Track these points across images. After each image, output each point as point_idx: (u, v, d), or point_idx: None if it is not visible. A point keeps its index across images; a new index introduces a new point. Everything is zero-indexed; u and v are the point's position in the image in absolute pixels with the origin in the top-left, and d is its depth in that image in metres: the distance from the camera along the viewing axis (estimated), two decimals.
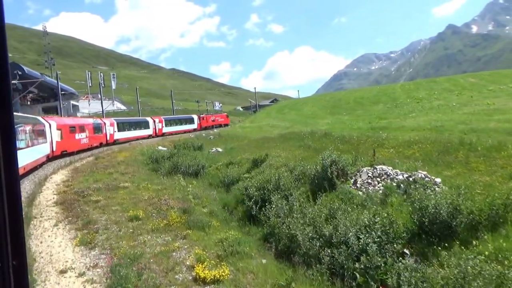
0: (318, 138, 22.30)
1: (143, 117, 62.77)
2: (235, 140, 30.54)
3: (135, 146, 41.77)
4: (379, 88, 53.67)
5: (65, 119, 37.35)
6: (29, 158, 21.08)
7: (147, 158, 28.88)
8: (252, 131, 37.09)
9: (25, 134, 20.76)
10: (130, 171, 22.34)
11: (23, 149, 19.59)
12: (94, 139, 39.99)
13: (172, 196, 14.21)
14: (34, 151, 22.56)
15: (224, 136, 34.94)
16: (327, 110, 41.03)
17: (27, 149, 20.87)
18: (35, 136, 23.58)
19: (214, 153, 24.73)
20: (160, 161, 26.34)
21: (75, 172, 22.91)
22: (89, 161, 29.10)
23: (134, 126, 53.73)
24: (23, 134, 20.41)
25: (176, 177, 19.15)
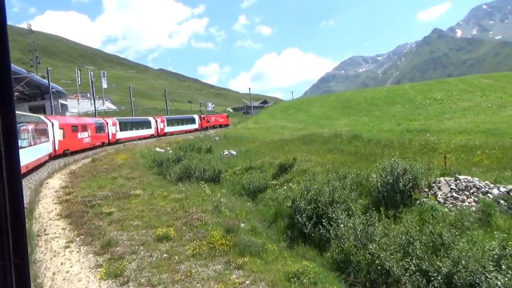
0: (347, 141, 20.38)
1: (145, 117, 62.16)
2: (244, 142, 28.42)
3: (130, 147, 39.30)
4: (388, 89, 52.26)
5: (68, 118, 36.82)
6: (32, 157, 20.98)
7: (150, 161, 26.58)
8: (259, 132, 35.02)
9: (27, 133, 20.62)
10: (136, 175, 20.02)
11: (25, 148, 19.56)
12: (96, 138, 39.55)
13: (200, 207, 12.02)
14: (36, 150, 22.45)
15: (231, 138, 32.76)
16: (338, 110, 39.18)
17: (30, 148, 20.80)
18: (38, 135, 23.42)
19: (227, 156, 22.58)
20: (165, 165, 24.11)
21: (73, 177, 20.49)
22: (85, 164, 26.63)
23: (136, 126, 53.14)
24: (26, 133, 20.28)
25: (194, 184, 16.99)
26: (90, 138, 37.28)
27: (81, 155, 33.42)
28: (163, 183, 17.49)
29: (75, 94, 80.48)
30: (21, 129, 19.46)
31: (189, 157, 25.40)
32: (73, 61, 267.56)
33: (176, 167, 20.48)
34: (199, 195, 13.95)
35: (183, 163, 20.45)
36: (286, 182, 15.90)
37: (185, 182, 18.34)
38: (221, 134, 38.42)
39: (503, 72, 58.47)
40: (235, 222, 9.80)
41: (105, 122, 43.44)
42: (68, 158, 30.87)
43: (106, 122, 43.74)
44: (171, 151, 37.84)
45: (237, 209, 12.08)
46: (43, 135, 25.30)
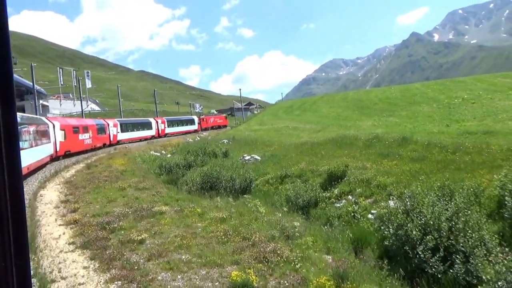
0: (397, 144, 17.83)
1: (146, 118, 61.78)
2: (259, 145, 25.59)
3: (124, 151, 35.99)
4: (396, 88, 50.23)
5: (69, 120, 36.20)
6: (33, 158, 20.81)
7: (155, 167, 23.55)
8: (269, 134, 32.21)
9: (28, 134, 20.53)
10: (148, 185, 17.00)
11: (26, 149, 19.27)
12: (98, 139, 39.07)
13: (261, 232, 9.20)
14: (37, 151, 22.36)
15: (242, 140, 29.83)
16: (353, 110, 36.64)
17: (31, 149, 20.64)
18: (39, 136, 23.23)
19: (250, 162, 19.70)
20: (175, 171, 21.17)
21: (71, 187, 17.30)
22: (80, 171, 23.34)
23: (137, 127, 52.60)
24: (27, 134, 20.18)
25: (225, 196, 14.14)
26: (91, 140, 36.73)
27: (72, 160, 30.03)
28: (187, 196, 14.55)
29: (57, 95, 75.91)
30: (22, 130, 19.22)
31: (201, 163, 22.48)
32: (50, 62, 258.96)
33: (195, 175, 17.53)
34: (247, 213, 11.11)
35: (204, 170, 17.48)
36: (343, 194, 13.25)
37: (209, 193, 15.51)
38: (228, 136, 35.30)
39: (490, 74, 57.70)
40: (344, 261, 6.96)
41: (106, 123, 42.79)
42: (59, 163, 27.52)
43: (107, 123, 43.05)
44: (169, 155, 34.76)
45: (308, 234, 9.29)
46: (44, 136, 24.94)
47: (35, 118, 25.20)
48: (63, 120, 33.33)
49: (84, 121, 39.48)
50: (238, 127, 47.13)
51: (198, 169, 21.57)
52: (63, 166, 26.28)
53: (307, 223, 10.87)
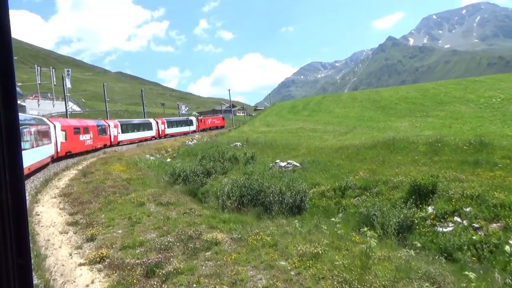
0: (473, 149, 15.09)
1: (146, 119, 61.74)
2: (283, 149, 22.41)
3: (117, 155, 32.29)
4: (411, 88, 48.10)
5: (70, 121, 35.87)
6: (34, 159, 20.70)
7: (165, 174, 20.17)
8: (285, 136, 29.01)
9: (30, 135, 20.40)
10: (171, 199, 13.63)
11: (27, 150, 19.17)
12: (99, 140, 38.81)
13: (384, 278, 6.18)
14: (38, 152, 22.24)
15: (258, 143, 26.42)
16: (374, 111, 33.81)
17: (32, 150, 20.51)
18: (40, 137, 23.07)
19: (288, 170, 16.40)
20: (192, 180, 17.90)
21: (74, 202, 13.79)
22: (74, 179, 19.74)
23: (138, 128, 52.17)
24: (28, 135, 20.05)
25: (282, 217, 11.01)
26: (92, 140, 36.40)
27: (61, 165, 26.25)
28: (233, 215, 11.32)
29: (34, 94, 70.66)
30: (23, 131, 19.10)
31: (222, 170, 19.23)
32: (24, 62, 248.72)
33: (228, 186, 14.31)
34: (343, 244, 8.04)
35: (240, 180, 14.24)
36: (446, 215, 10.31)
37: (253, 210, 12.36)
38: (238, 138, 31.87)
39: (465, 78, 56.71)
40: None
41: (107, 124, 42.51)
42: (48, 170, 23.83)
43: (108, 124, 42.75)
44: (169, 159, 31.29)
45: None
46: (45, 137, 24.71)
47: (37, 119, 24.94)
48: (64, 121, 32.81)
49: (85, 122, 38.75)
50: (241, 128, 43.75)
51: (220, 177, 18.38)
52: (52, 173, 22.60)
53: (424, 258, 7.89)
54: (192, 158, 27.90)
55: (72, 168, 25.58)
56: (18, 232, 1.25)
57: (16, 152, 1.25)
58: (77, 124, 34.54)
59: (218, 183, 17.48)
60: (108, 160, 28.40)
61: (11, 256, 1.23)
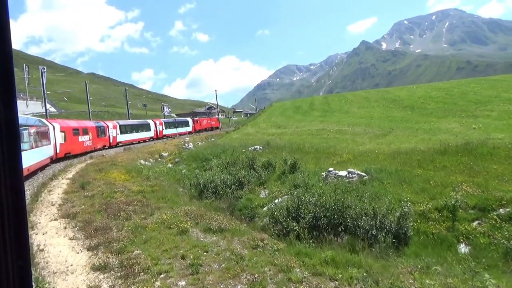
0: None
1: (144, 120, 61.37)
2: (316, 154, 18.99)
3: (108, 160, 28.43)
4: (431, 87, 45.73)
5: (69, 122, 35.33)
6: (33, 160, 20.62)
7: (182, 183, 16.66)
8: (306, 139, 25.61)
9: (29, 136, 20.45)
10: (222, 224, 10.19)
11: (27, 151, 19.11)
12: (98, 141, 38.52)
13: None
14: (37, 153, 22.21)
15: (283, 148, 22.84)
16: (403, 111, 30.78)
17: (31, 151, 20.47)
18: (39, 138, 23.14)
19: (352, 181, 13.07)
20: (223, 193, 14.52)
21: (87, 227, 10.14)
22: (71, 191, 15.97)
23: (136, 129, 51.64)
24: (27, 135, 20.11)
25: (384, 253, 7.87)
26: (91, 141, 36.09)
27: (46, 173, 22.22)
28: (327, 253, 8.06)
29: None
30: (23, 132, 19.18)
31: (257, 180, 15.83)
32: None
33: (281, 204, 10.99)
34: None
35: (311, 198, 10.89)
36: None
37: (328, 236, 9.15)
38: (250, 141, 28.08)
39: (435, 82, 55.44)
40: None
41: (106, 125, 42.12)
42: (35, 179, 19.88)
43: (107, 125, 42.38)
44: (170, 164, 27.57)
45: None
46: (45, 138, 24.68)
47: (35, 120, 24.76)
48: (63, 122, 32.35)
49: (84, 123, 38.25)
50: (243, 130, 40.06)
51: (257, 189, 14.98)
52: (40, 182, 18.67)
53: None
54: (198, 163, 24.40)
55: (60, 177, 21.64)
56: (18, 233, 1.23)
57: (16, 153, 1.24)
58: (76, 125, 34.13)
59: (257, 197, 14.15)
60: (102, 166, 24.54)
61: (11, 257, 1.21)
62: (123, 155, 32.77)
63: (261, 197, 14.11)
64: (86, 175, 21.12)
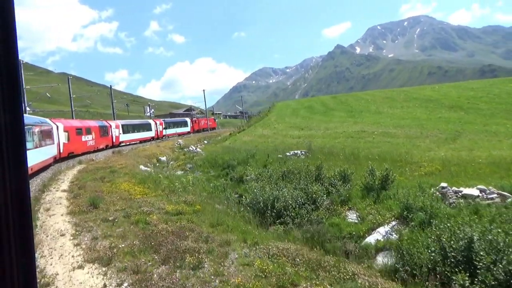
0: None
1: (145, 120, 62.32)
2: (382, 162, 15.49)
3: (103, 166, 24.08)
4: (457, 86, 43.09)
5: (72, 121, 35.60)
6: (36, 159, 20.53)
7: (230, 202, 12.79)
8: (345, 142, 22.20)
9: (33, 135, 20.54)
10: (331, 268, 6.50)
11: (31, 150, 19.24)
12: (101, 141, 38.41)
13: None
14: (41, 153, 22.12)
15: (331, 154, 18.99)
16: (454, 112, 27.72)
17: (35, 150, 20.47)
18: (43, 138, 23.04)
19: (491, 203, 9.43)
20: (296, 215, 10.79)
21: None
22: (80, 211, 11.84)
23: (138, 128, 51.34)
24: (32, 135, 20.21)
25: None
26: (94, 141, 36.05)
27: (35, 182, 17.76)
28: None
29: None
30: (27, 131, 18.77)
31: (339, 197, 12.12)
32: None
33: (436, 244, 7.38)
34: None
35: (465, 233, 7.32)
36: None
37: None
38: (295, 145, 23.38)
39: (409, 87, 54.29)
40: None
41: (109, 125, 41.91)
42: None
43: (109, 124, 42.13)
44: (180, 171, 23.46)
45: None
46: (48, 137, 24.75)
47: (39, 119, 24.95)
48: (66, 122, 32.18)
49: (87, 122, 38.06)
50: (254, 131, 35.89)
51: (342, 210, 11.27)
52: (32, 195, 14.33)
53: None
54: (219, 171, 20.50)
55: (53, 188, 17.35)
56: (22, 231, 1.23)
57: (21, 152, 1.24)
58: (79, 125, 34.03)
59: (342, 221, 10.48)
60: (101, 174, 20.29)
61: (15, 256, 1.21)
62: (118, 159, 28.33)
63: (350, 221, 10.48)
64: (87, 185, 16.88)
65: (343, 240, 9.54)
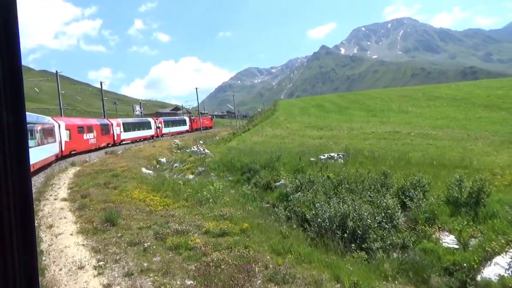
0: None
1: (145, 118, 62.52)
2: (442, 169, 13.10)
3: (100, 169, 21.43)
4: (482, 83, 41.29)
5: (74, 120, 34.96)
6: (38, 157, 20.61)
7: (282, 218, 10.49)
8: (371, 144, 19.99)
9: (35, 133, 20.57)
10: None
11: (32, 148, 19.13)
12: (102, 139, 38.14)
13: None
14: (43, 150, 22.12)
15: (375, 158, 16.38)
16: (490, 111, 25.80)
17: (37, 148, 20.56)
18: (45, 136, 23.03)
19: None
20: (374, 238, 8.53)
21: None
22: (91, 228, 9.34)
23: (138, 127, 51.49)
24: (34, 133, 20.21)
25: None
26: (95, 139, 35.93)
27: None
28: None
29: None
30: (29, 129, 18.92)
31: (419, 213, 9.85)
32: None
33: None
34: None
35: None
36: None
37: None
38: (342, 148, 20.60)
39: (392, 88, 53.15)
40: None
41: (110, 123, 41.74)
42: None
43: (111, 123, 41.96)
44: (191, 175, 20.95)
45: None
46: (50, 136, 24.64)
47: (41, 118, 24.84)
48: (68, 120, 32.11)
49: (89, 120, 37.61)
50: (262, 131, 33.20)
51: (430, 231, 9.03)
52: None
53: None
54: (238, 175, 18.13)
55: (50, 195, 14.79)
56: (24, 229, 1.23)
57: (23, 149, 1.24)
58: (81, 123, 33.78)
59: (436, 246, 8.28)
60: (103, 179, 17.67)
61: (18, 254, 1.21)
62: (116, 161, 25.61)
63: (447, 245, 8.29)
64: (91, 193, 14.32)
65: (445, 272, 7.37)
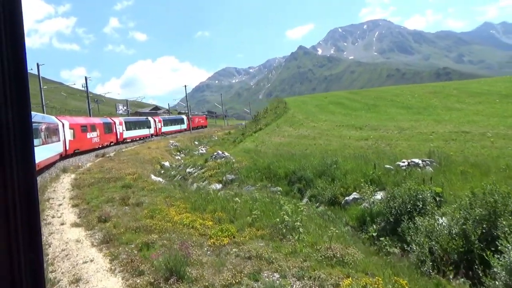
0: None
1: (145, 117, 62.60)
2: None
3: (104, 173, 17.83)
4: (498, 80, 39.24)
5: (77, 119, 34.46)
6: (43, 156, 20.77)
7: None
8: (438, 146, 17.22)
9: (39, 133, 20.89)
10: None
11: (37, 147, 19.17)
12: (105, 138, 38.34)
13: None
14: (47, 149, 22.44)
15: (476, 167, 12.96)
16: None
17: (41, 147, 20.90)
18: (49, 135, 23.35)
19: None
20: None
21: None
22: None
23: (139, 126, 51.84)
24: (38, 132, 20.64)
25: None
26: (99, 138, 36.13)
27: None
28: None
29: None
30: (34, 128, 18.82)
31: None
32: None
33: None
34: None
35: None
36: None
37: None
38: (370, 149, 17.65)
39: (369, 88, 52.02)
40: None
41: (113, 122, 42.21)
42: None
43: (113, 121, 42.43)
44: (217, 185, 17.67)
45: None
46: (54, 135, 25.00)
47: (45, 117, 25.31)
48: (72, 119, 32.27)
49: (92, 119, 37.96)
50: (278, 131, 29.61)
51: None
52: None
53: None
54: (279, 183, 15.05)
55: (50, 216, 11.38)
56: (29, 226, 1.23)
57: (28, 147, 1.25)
58: (84, 122, 34.09)
59: None
60: (110, 190, 14.20)
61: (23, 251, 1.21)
62: (116, 166, 21.99)
63: None
64: (109, 214, 10.90)
65: None
